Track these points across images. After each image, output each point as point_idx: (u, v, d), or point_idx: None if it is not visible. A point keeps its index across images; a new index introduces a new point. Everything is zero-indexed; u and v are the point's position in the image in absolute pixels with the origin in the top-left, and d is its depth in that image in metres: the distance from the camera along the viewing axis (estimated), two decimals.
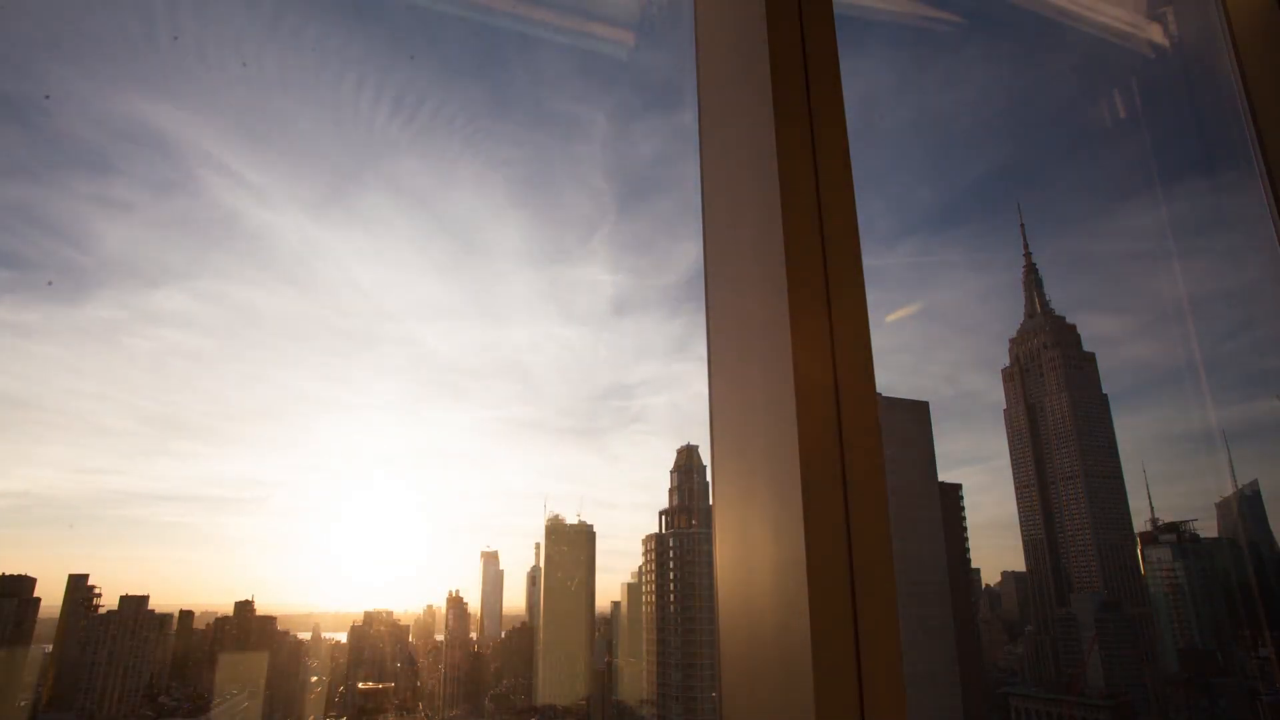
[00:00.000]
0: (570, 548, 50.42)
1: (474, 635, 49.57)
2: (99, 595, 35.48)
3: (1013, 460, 57.15)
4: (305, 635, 44.96)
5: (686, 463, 48.06)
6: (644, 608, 43.79)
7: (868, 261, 1.25)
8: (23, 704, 31.21)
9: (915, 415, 47.09)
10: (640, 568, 46.22)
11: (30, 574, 32.23)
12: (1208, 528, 48.02)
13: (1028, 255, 62.69)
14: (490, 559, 55.99)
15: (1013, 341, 58.89)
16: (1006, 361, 59.06)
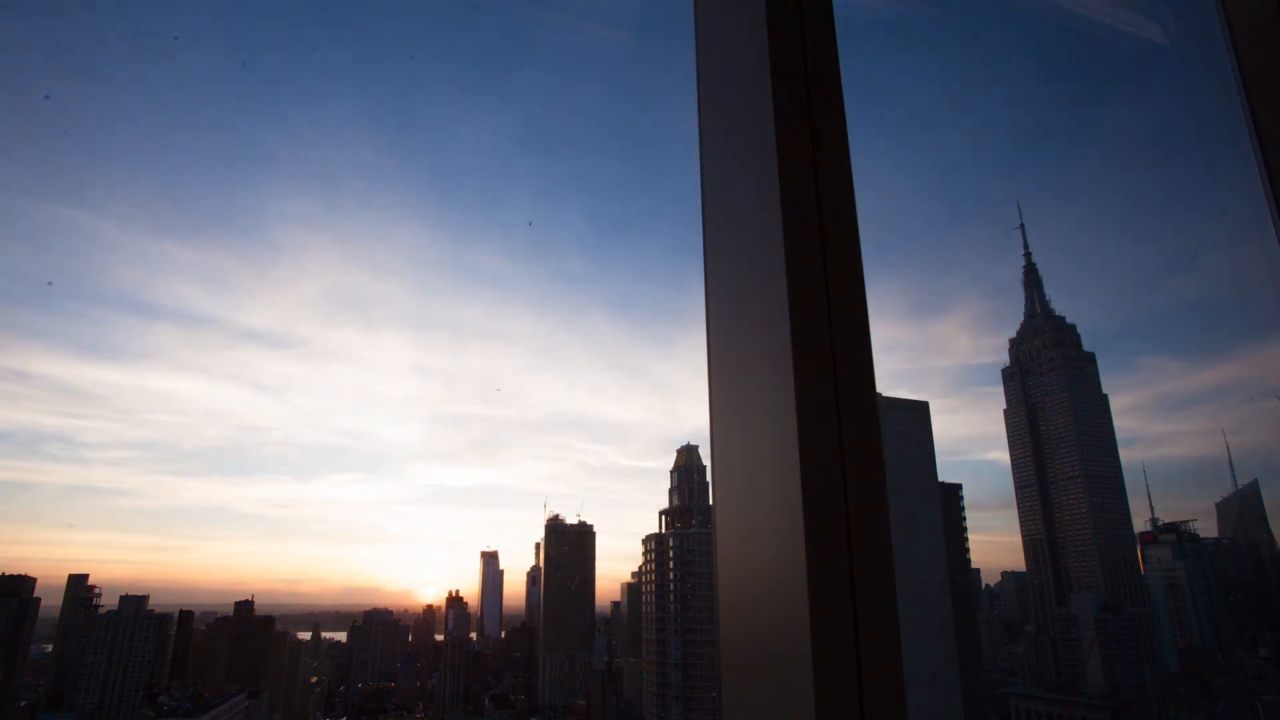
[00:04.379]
0: (570, 548, 50.38)
1: (474, 635, 49.51)
2: (99, 595, 35.48)
3: (1013, 461, 57.10)
4: (305, 635, 44.98)
5: (686, 463, 48.04)
6: (644, 608, 43.76)
7: (867, 259, 1.25)
8: (23, 704, 31.18)
9: (915, 415, 47.06)
10: (640, 568, 46.18)
11: (30, 574, 32.22)
12: (1208, 528, 47.99)
13: (1027, 255, 62.56)
14: (490, 559, 55.91)
15: (1013, 341, 58.86)
16: (1007, 361, 59.01)
